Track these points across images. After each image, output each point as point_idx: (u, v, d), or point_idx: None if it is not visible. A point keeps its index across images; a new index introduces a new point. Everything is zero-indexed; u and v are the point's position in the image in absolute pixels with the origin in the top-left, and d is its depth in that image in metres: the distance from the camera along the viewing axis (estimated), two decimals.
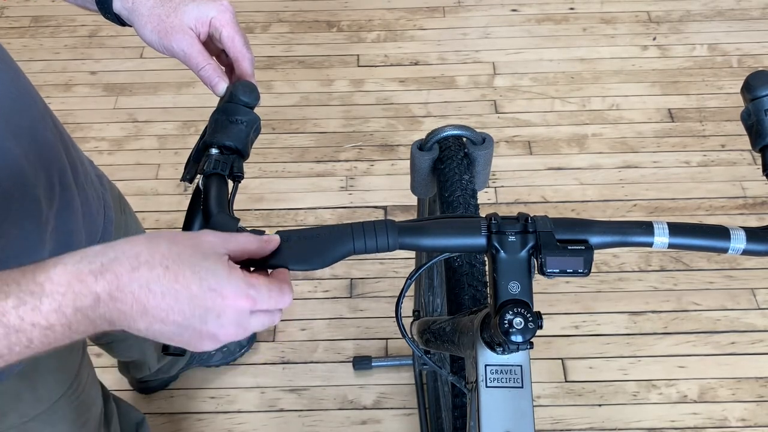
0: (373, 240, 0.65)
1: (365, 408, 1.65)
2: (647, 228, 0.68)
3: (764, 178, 0.72)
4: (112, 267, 0.53)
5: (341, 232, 0.65)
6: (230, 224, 0.65)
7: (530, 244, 0.66)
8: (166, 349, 0.66)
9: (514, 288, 0.66)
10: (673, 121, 2.19)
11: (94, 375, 1.10)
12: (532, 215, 0.68)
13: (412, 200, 1.30)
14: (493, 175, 2.05)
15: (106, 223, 0.99)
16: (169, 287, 0.54)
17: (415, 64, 2.39)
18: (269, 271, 0.64)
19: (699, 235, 0.68)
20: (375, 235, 0.65)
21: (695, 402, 1.64)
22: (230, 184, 0.72)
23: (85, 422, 1.03)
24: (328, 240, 0.65)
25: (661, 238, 0.67)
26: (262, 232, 0.65)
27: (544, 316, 0.65)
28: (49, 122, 0.84)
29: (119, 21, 0.81)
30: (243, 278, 0.56)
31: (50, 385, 0.94)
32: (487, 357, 0.71)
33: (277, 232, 0.65)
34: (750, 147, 0.73)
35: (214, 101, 0.77)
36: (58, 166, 0.83)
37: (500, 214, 0.68)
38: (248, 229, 0.66)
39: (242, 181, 0.72)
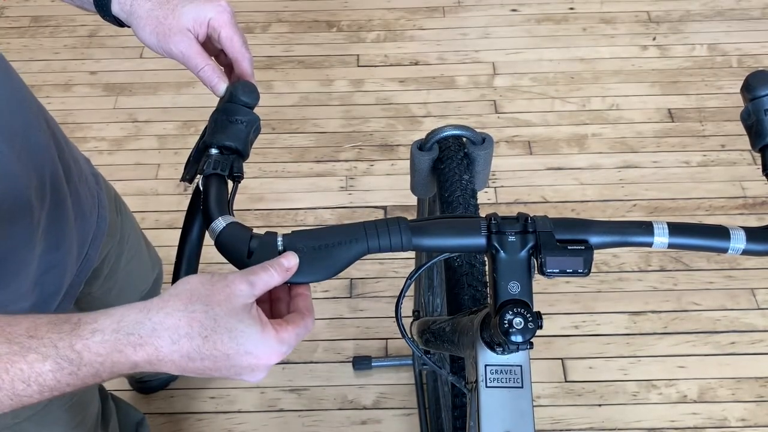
0: (386, 239, 0.65)
1: (365, 408, 1.65)
2: (647, 228, 0.68)
3: (764, 178, 0.72)
4: (151, 340, 0.55)
5: (354, 234, 0.65)
6: (243, 235, 0.65)
7: (530, 244, 0.66)
8: None
9: (513, 288, 0.66)
10: (673, 121, 2.19)
11: None
12: (531, 215, 0.68)
13: (412, 200, 1.30)
14: (493, 175, 2.05)
15: (99, 221, 0.99)
16: (209, 354, 0.56)
17: (415, 64, 2.39)
18: (289, 287, 0.65)
19: (699, 235, 0.68)
20: (389, 234, 0.65)
21: (695, 402, 1.64)
22: (230, 184, 0.71)
23: (80, 422, 1.03)
24: (342, 244, 0.65)
25: (661, 238, 0.67)
26: (274, 234, 0.64)
27: (544, 316, 0.65)
28: (42, 123, 0.84)
29: (118, 22, 0.81)
30: (275, 336, 0.58)
31: None
32: (486, 357, 0.71)
33: (292, 232, 0.65)
34: (750, 147, 0.73)
35: (214, 101, 0.77)
36: (50, 167, 0.83)
37: (500, 214, 0.68)
38: (263, 233, 0.65)
39: (242, 181, 0.71)
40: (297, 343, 0.60)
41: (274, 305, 0.65)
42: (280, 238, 0.65)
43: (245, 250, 0.64)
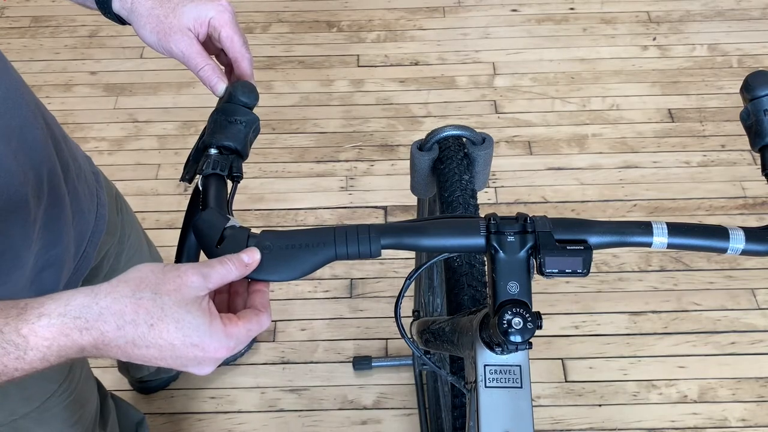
0: (355, 246, 0.65)
1: (365, 408, 1.65)
2: (646, 228, 0.68)
3: (764, 178, 0.72)
4: (96, 324, 0.55)
5: (324, 238, 0.65)
6: (219, 223, 0.65)
7: (529, 245, 0.66)
8: None
9: (513, 288, 0.66)
10: (673, 121, 2.19)
11: (89, 372, 1.09)
12: (531, 215, 0.68)
13: (412, 200, 1.30)
14: (493, 175, 2.05)
15: (97, 220, 0.99)
16: (154, 342, 0.56)
17: (415, 64, 2.39)
18: (249, 282, 0.64)
19: (698, 235, 0.68)
20: (357, 241, 0.65)
21: (695, 402, 1.64)
22: (229, 184, 0.72)
23: (78, 420, 1.03)
24: (309, 247, 0.64)
25: (660, 238, 0.67)
26: (248, 230, 0.65)
27: (544, 316, 0.65)
28: (39, 120, 0.84)
29: (119, 20, 0.81)
30: (223, 330, 0.58)
31: (39, 383, 0.94)
32: (486, 357, 0.71)
33: (262, 232, 0.65)
34: (750, 147, 0.73)
35: (214, 101, 0.77)
36: (47, 165, 0.83)
37: (499, 215, 0.68)
38: (238, 225, 0.66)
39: (242, 182, 0.72)
40: (248, 339, 0.60)
41: (232, 299, 0.65)
42: (251, 233, 0.65)
43: (217, 237, 0.64)
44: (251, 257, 0.62)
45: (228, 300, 0.65)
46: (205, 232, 0.65)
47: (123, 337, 0.55)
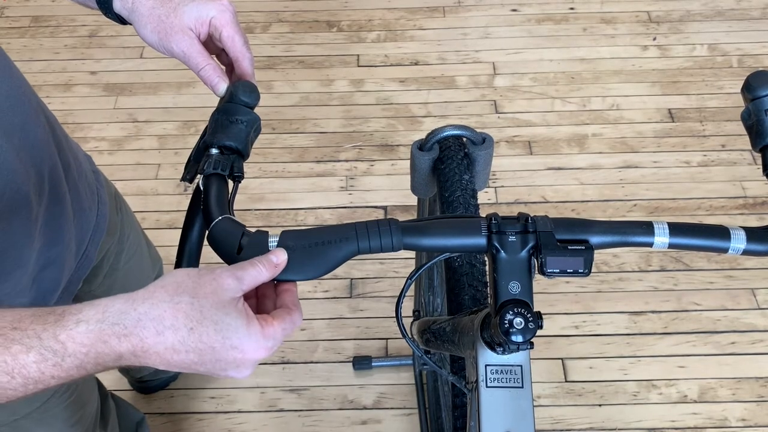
0: (377, 240, 0.65)
1: (365, 408, 1.65)
2: (647, 228, 0.68)
3: (764, 178, 0.72)
4: (136, 331, 0.54)
5: (345, 234, 0.65)
6: (236, 231, 0.65)
7: (530, 244, 0.66)
8: None
9: (514, 288, 0.66)
10: (673, 121, 2.19)
11: None
12: (532, 215, 0.68)
13: (412, 200, 1.30)
14: (494, 175, 2.05)
15: (98, 219, 0.99)
16: (194, 347, 0.55)
17: (415, 64, 2.39)
18: (275, 283, 0.65)
19: (699, 235, 0.68)
20: (379, 234, 0.65)
21: (695, 402, 1.64)
22: (230, 184, 0.71)
23: (78, 420, 1.03)
24: (332, 243, 0.65)
25: (662, 238, 0.67)
26: (266, 233, 0.65)
27: (544, 316, 0.65)
28: (41, 119, 0.84)
29: (120, 20, 0.81)
30: (261, 331, 0.58)
31: None
32: (487, 357, 0.71)
33: (282, 233, 0.65)
34: (750, 147, 0.73)
35: (215, 101, 0.77)
36: (49, 163, 0.84)
37: (500, 214, 0.68)
38: (253, 230, 0.66)
39: (242, 181, 0.72)
40: (283, 339, 0.60)
41: (261, 302, 0.65)
42: (271, 236, 0.65)
43: (236, 245, 0.64)
44: (279, 258, 0.62)
45: (256, 304, 0.65)
46: (223, 241, 0.65)
47: (162, 343, 0.55)
